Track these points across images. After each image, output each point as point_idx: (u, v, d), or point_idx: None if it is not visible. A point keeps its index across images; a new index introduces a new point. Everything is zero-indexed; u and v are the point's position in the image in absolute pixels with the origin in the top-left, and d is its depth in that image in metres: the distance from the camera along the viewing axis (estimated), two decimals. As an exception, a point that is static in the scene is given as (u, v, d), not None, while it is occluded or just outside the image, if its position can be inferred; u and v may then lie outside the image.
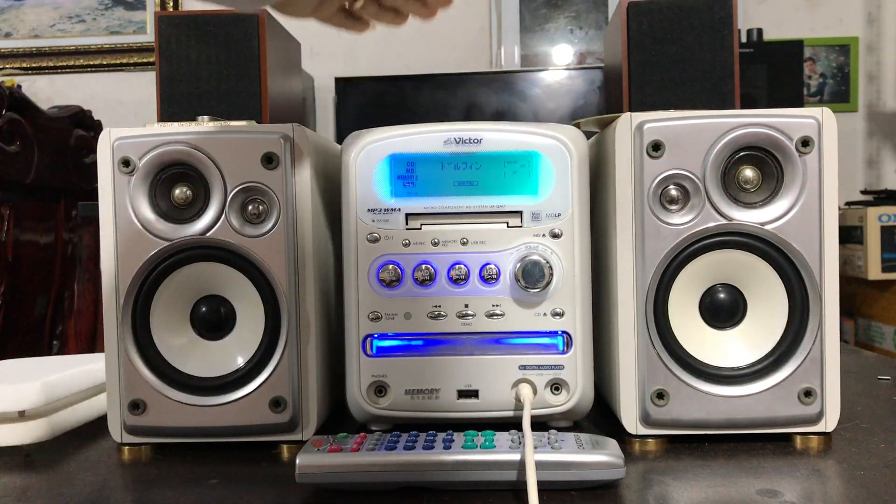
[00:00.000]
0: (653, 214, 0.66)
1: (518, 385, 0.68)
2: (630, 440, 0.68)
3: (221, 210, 0.67)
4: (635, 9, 0.83)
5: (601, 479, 0.56)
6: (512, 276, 0.68)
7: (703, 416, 0.66)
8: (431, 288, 0.69)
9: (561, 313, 0.68)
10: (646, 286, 0.67)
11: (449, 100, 2.61)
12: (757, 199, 0.67)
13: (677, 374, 0.66)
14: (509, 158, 0.69)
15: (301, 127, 0.69)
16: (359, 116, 2.63)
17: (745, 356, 0.68)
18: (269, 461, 0.66)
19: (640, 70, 0.82)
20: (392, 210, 0.69)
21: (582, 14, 2.91)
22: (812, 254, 0.66)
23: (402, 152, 0.69)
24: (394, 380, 0.69)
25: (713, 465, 0.62)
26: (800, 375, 0.66)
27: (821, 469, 0.61)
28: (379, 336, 0.69)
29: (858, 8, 2.88)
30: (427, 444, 0.59)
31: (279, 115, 0.89)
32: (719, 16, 0.81)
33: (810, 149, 0.66)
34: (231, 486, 0.60)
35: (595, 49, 2.91)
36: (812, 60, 2.89)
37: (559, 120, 2.47)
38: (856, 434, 0.69)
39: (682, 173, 0.66)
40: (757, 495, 0.55)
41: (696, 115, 0.67)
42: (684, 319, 0.68)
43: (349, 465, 0.57)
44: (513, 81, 2.64)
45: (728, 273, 0.68)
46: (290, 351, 0.67)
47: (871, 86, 2.90)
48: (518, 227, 0.69)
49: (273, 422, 0.67)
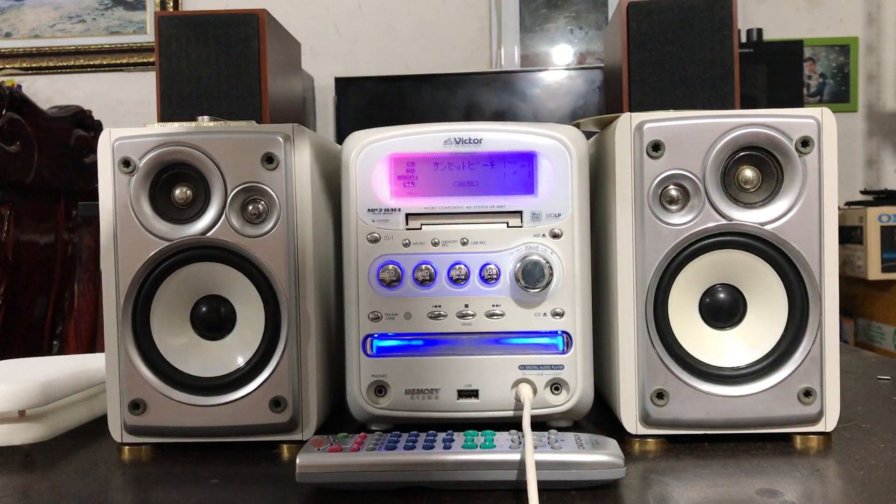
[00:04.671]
0: (653, 214, 0.66)
1: (518, 385, 0.68)
2: (630, 440, 0.68)
3: (221, 210, 0.67)
4: (635, 9, 0.83)
5: (601, 479, 0.56)
6: (512, 276, 0.68)
7: (703, 416, 0.66)
8: (431, 288, 0.69)
9: (561, 313, 0.68)
10: (646, 286, 0.67)
11: (449, 100, 2.61)
12: (757, 199, 0.67)
13: (677, 374, 0.66)
14: (509, 158, 0.69)
15: (301, 127, 0.69)
16: (359, 116, 2.63)
17: (744, 356, 0.68)
18: (269, 461, 0.66)
19: (640, 70, 0.82)
20: (392, 210, 0.69)
21: (582, 14, 2.91)
22: (812, 254, 0.66)
23: (402, 152, 0.69)
24: (394, 380, 0.69)
25: (713, 465, 0.62)
26: (799, 375, 0.66)
27: (821, 469, 0.61)
28: (379, 336, 0.70)
29: (858, 8, 2.89)
30: (427, 444, 0.59)
31: (279, 115, 0.89)
32: (719, 16, 0.81)
33: (810, 149, 0.66)
34: (231, 486, 0.60)
35: (595, 49, 2.91)
36: (812, 60, 2.89)
37: (559, 120, 2.47)
38: (856, 434, 0.69)
39: (682, 173, 0.66)
40: (757, 495, 0.55)
41: (696, 115, 0.67)
42: (684, 319, 0.68)
43: (349, 465, 0.57)
44: (513, 81, 2.64)
45: (728, 273, 0.68)
46: (290, 351, 0.67)
47: (871, 86, 2.91)
48: (518, 228, 0.69)
49: (273, 422, 0.67)
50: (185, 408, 0.68)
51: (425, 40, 2.88)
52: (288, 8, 2.73)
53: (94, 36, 2.93)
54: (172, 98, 0.86)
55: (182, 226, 0.68)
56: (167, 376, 0.68)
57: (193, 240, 0.68)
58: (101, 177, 0.68)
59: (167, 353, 0.69)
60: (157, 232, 0.68)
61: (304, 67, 1.23)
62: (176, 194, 0.68)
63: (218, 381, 0.68)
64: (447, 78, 2.65)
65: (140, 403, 0.68)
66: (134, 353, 0.68)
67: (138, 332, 0.68)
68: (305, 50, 1.11)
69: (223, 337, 0.70)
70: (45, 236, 1.82)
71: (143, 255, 0.68)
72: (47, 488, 0.61)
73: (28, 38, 2.94)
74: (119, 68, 2.93)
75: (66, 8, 2.93)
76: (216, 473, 0.63)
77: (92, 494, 0.60)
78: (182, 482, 0.62)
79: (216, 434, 0.68)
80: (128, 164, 0.68)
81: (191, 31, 0.86)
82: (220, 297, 0.70)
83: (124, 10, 2.93)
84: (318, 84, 2.81)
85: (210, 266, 0.68)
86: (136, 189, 0.68)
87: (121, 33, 2.93)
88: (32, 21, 2.94)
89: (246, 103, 0.86)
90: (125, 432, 0.68)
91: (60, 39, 2.93)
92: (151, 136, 0.68)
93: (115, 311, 0.68)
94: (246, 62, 0.86)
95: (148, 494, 0.60)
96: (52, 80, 2.95)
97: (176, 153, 0.68)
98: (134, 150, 0.68)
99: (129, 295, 0.68)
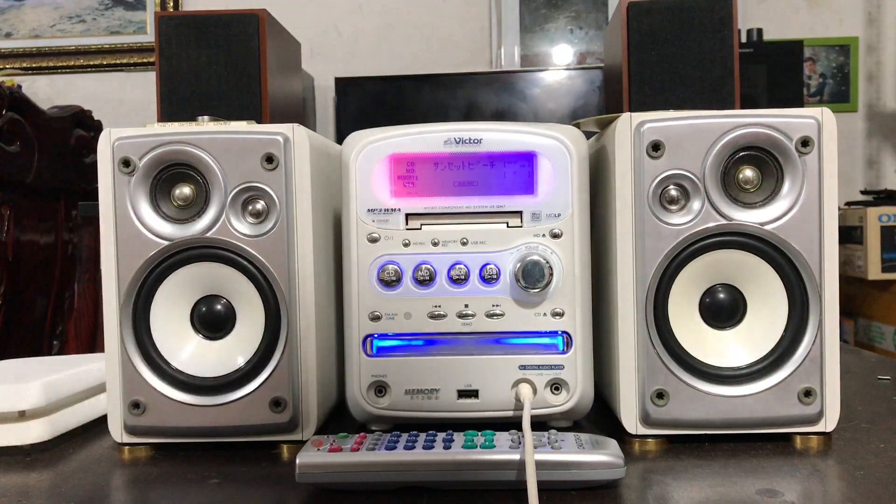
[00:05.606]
0: (653, 214, 0.66)
1: (518, 385, 0.68)
2: (630, 440, 0.68)
3: (221, 210, 0.67)
4: (635, 9, 0.83)
5: (601, 479, 0.56)
6: (512, 276, 0.68)
7: (703, 416, 0.66)
8: (431, 288, 0.69)
9: (561, 313, 0.68)
10: (646, 286, 0.67)
11: (449, 100, 2.61)
12: (757, 200, 0.67)
13: (677, 374, 0.66)
14: (509, 158, 0.69)
15: (301, 127, 0.69)
16: (359, 116, 2.63)
17: (744, 356, 0.68)
18: (269, 461, 0.66)
19: (640, 70, 0.82)
20: (392, 210, 0.69)
21: (582, 14, 2.91)
22: (812, 254, 0.66)
23: (402, 152, 0.69)
24: (394, 380, 0.69)
25: (713, 465, 0.62)
26: (799, 375, 0.66)
27: (821, 469, 0.61)
28: (379, 336, 0.70)
29: (858, 8, 2.88)
30: (427, 444, 0.59)
31: (279, 115, 0.89)
32: (719, 16, 0.81)
33: (810, 149, 0.66)
34: (231, 486, 0.60)
35: (595, 49, 2.91)
36: (812, 60, 2.89)
37: (559, 120, 2.47)
38: (856, 434, 0.69)
39: (682, 173, 0.66)
40: (757, 495, 0.55)
41: (696, 116, 0.67)
42: (684, 319, 0.68)
43: (349, 465, 0.57)
44: (513, 81, 2.64)
45: (728, 273, 0.68)
46: (290, 351, 0.67)
47: (871, 86, 2.91)
48: (518, 227, 0.69)
49: (273, 422, 0.67)
50: (185, 408, 0.68)
51: (425, 40, 2.88)
52: (288, 8, 2.73)
53: (94, 36, 2.93)
54: (172, 98, 0.87)
55: (182, 226, 0.68)
56: (167, 376, 0.68)
57: (193, 240, 0.68)
58: (101, 177, 0.68)
59: (167, 353, 0.69)
60: (156, 232, 0.68)
61: (304, 67, 1.23)
62: (176, 194, 0.68)
63: (218, 381, 0.68)
64: (447, 78, 2.65)
65: (140, 403, 0.68)
66: (134, 353, 0.68)
67: (138, 333, 0.68)
68: (305, 50, 1.11)
69: (223, 337, 0.70)
70: (45, 236, 1.82)
71: (143, 255, 0.68)
72: (47, 488, 0.61)
73: (28, 38, 2.94)
74: (119, 68, 2.93)
75: (66, 8, 2.93)
76: (216, 473, 0.63)
77: (92, 494, 0.60)
78: (182, 482, 0.62)
79: (216, 434, 0.68)
80: (128, 164, 0.68)
81: (191, 31, 0.86)
82: (220, 297, 0.70)
83: (124, 10, 2.93)
84: (318, 84, 2.81)
85: (210, 266, 0.68)
86: (135, 189, 0.68)
87: (121, 33, 2.93)
88: (32, 21, 2.94)
89: (246, 103, 0.86)
90: (125, 432, 0.68)
91: (60, 39, 2.93)
92: (151, 135, 0.68)
93: (115, 311, 0.68)
94: (246, 62, 0.86)
95: (148, 494, 0.60)
96: (52, 80, 2.95)
97: (176, 153, 0.68)
98: (134, 149, 0.68)
99: (129, 295, 0.68)
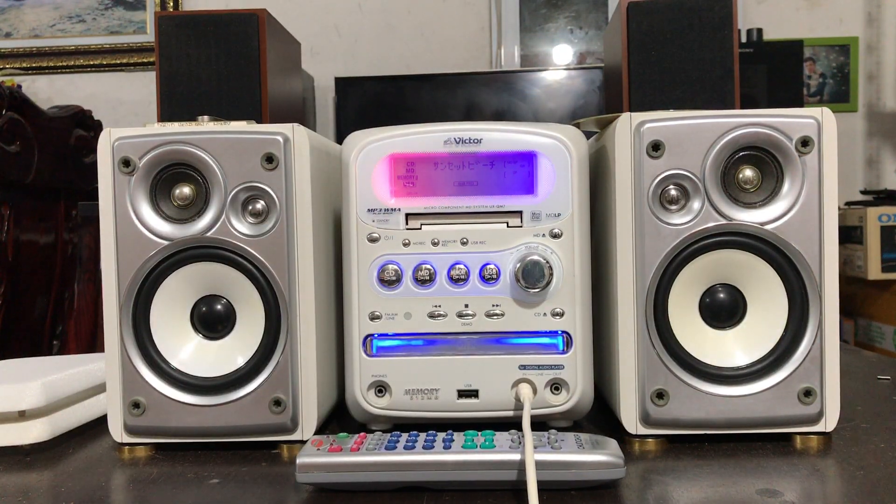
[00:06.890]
0: (653, 214, 0.66)
1: (518, 385, 0.68)
2: (630, 440, 0.68)
3: (221, 210, 0.67)
4: (635, 9, 0.83)
5: (601, 479, 0.56)
6: (512, 276, 0.68)
7: (703, 416, 0.66)
8: (431, 288, 0.69)
9: (561, 313, 0.68)
10: (646, 286, 0.67)
11: (449, 100, 2.61)
12: (757, 199, 0.67)
13: (677, 374, 0.66)
14: (509, 158, 0.69)
15: (301, 127, 0.69)
16: (359, 116, 2.63)
17: (744, 356, 0.68)
18: (269, 461, 0.66)
19: (640, 70, 0.82)
20: (392, 210, 0.69)
21: (582, 14, 2.91)
22: (812, 254, 0.66)
23: (402, 152, 0.69)
24: (394, 379, 0.69)
25: (713, 465, 0.62)
26: (799, 375, 0.66)
27: (821, 469, 0.61)
28: (379, 336, 0.70)
29: (858, 8, 2.88)
30: (427, 444, 0.59)
31: (279, 115, 0.89)
32: (719, 16, 0.81)
33: (810, 149, 0.66)
34: (231, 486, 0.60)
35: (595, 49, 2.91)
36: (812, 60, 2.89)
37: (559, 120, 2.47)
38: (856, 434, 0.69)
39: (682, 173, 0.66)
40: (757, 495, 0.55)
41: (696, 115, 0.67)
42: (684, 319, 0.68)
43: (349, 465, 0.57)
44: (513, 81, 2.64)
45: (728, 273, 0.68)
46: (290, 351, 0.68)
47: (871, 86, 2.90)
48: (518, 227, 0.69)
49: (273, 422, 0.68)
50: (185, 408, 0.68)
51: (425, 40, 2.88)
52: (288, 8, 2.73)
53: (94, 36, 2.93)
54: (172, 98, 0.87)
55: (182, 225, 0.68)
56: (167, 376, 0.68)
57: (193, 239, 0.68)
58: (101, 177, 0.68)
59: (167, 353, 0.69)
60: (156, 232, 0.68)
61: (304, 67, 1.23)
62: (176, 194, 0.68)
63: (218, 381, 0.68)
64: (447, 78, 2.65)
65: (140, 403, 0.68)
66: (134, 353, 0.68)
67: (138, 333, 0.68)
68: (305, 50, 1.11)
69: (223, 337, 0.70)
70: (45, 236, 1.82)
71: (143, 255, 0.68)
72: (47, 488, 0.61)
73: (28, 38, 2.94)
74: (119, 68, 2.93)
75: (66, 8, 2.93)
76: (216, 473, 0.63)
77: (92, 494, 0.60)
78: (182, 482, 0.62)
79: (216, 434, 0.68)
80: (128, 164, 0.68)
81: (191, 30, 0.86)
82: (220, 297, 0.70)
83: (124, 10, 2.93)
84: (318, 84, 2.81)
85: (210, 266, 0.68)
86: (135, 189, 0.68)
87: (121, 33, 2.93)
88: (32, 21, 2.94)
89: (246, 103, 0.86)
90: (125, 432, 0.68)
91: (60, 39, 2.93)
92: (151, 135, 0.68)
93: (115, 311, 0.68)
94: (246, 62, 0.86)
95: (147, 494, 0.60)
96: (52, 80, 2.95)
97: (176, 153, 0.68)
98: (134, 149, 0.68)
99: (129, 295, 0.68)
